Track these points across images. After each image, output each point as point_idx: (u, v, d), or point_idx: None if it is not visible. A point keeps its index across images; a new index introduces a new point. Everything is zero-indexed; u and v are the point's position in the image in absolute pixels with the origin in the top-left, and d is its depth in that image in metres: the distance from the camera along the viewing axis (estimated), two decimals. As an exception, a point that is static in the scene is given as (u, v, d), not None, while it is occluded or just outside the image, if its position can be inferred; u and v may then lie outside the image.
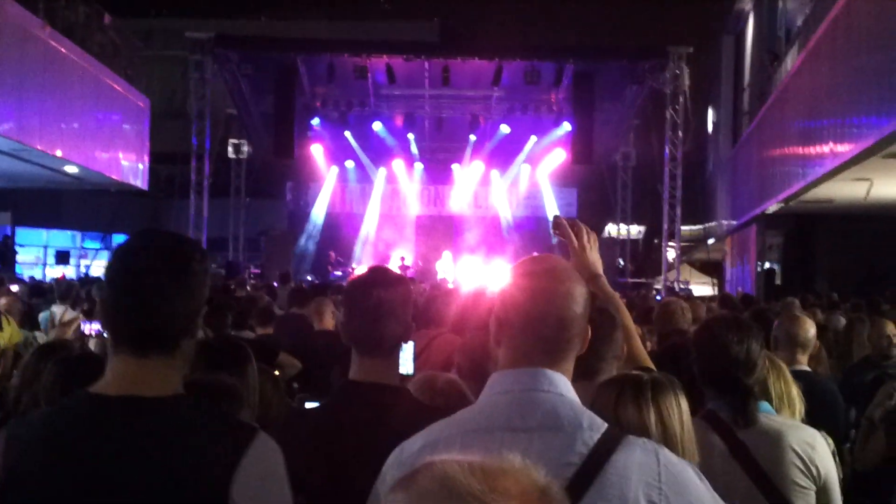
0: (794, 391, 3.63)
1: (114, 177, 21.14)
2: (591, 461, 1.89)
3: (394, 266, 21.03)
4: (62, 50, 17.65)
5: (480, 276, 25.08)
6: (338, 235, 29.19)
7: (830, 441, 3.73)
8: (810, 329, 5.12)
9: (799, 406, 3.61)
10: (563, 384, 2.04)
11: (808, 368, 5.01)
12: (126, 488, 1.94)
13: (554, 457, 1.88)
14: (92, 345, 6.03)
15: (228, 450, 1.99)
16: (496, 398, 2.04)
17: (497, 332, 2.11)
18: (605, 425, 1.98)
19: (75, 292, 11.32)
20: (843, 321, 7.91)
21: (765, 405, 3.34)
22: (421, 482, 1.21)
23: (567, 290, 2.08)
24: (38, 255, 26.96)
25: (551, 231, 3.24)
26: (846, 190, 15.64)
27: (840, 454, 4.05)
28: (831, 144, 13.59)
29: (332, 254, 27.44)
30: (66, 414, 2.09)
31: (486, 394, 2.08)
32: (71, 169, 19.40)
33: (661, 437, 2.54)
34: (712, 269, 29.25)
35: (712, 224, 28.38)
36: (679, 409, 2.68)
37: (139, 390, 2.03)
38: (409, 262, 26.71)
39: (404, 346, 2.97)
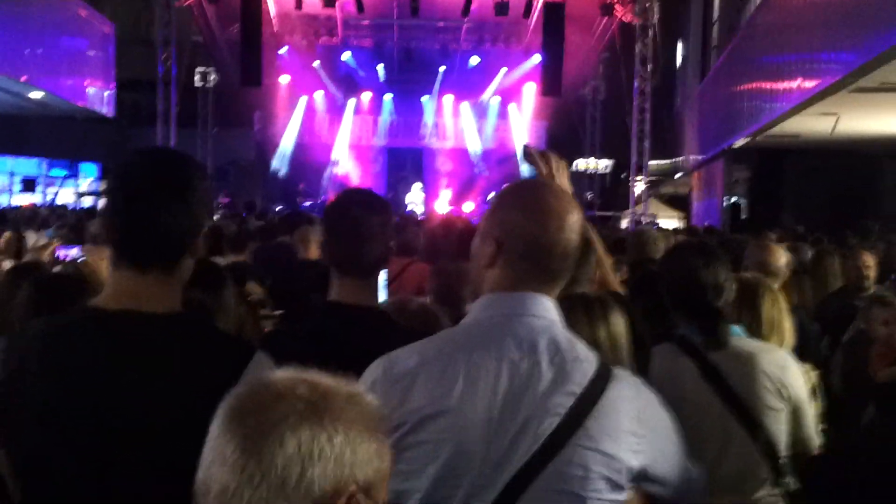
0: (788, 323, 3.61)
1: (80, 104, 20.87)
2: (589, 392, 1.94)
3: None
4: (25, -27, 17.30)
5: (449, 207, 25.16)
6: (307, 166, 29.02)
7: (813, 375, 3.79)
8: (781, 257, 5.11)
9: (788, 338, 3.59)
10: (555, 310, 2.07)
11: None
12: (122, 399, 1.95)
13: (556, 386, 1.94)
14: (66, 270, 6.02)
15: (228, 366, 1.98)
16: (492, 320, 2.05)
17: (493, 255, 2.07)
18: (596, 356, 2.03)
19: (39, 219, 11.28)
20: (808, 254, 7.96)
21: (735, 329, 3.34)
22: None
23: (573, 220, 2.07)
24: (3, 182, 26.66)
25: (521, 159, 3.27)
26: (813, 125, 15.74)
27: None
28: (799, 79, 13.65)
29: (302, 184, 27.33)
30: (65, 325, 2.10)
31: (480, 313, 2.09)
32: (36, 95, 19.12)
33: (611, 351, 2.65)
34: (679, 203, 29.40)
35: (680, 158, 28.46)
36: (623, 324, 2.77)
37: (138, 305, 2.04)
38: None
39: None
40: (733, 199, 22.73)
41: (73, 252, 6.11)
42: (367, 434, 1.36)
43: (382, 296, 4.03)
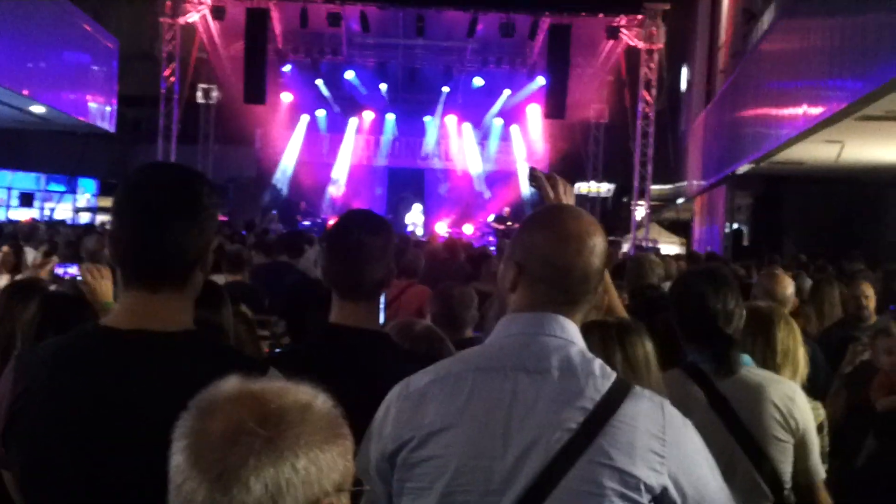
0: (802, 352, 3.60)
1: (81, 118, 20.84)
2: (602, 408, 1.93)
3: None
4: (30, -13, 17.29)
5: (450, 229, 25.13)
6: (307, 185, 28.98)
7: (822, 412, 3.74)
8: (788, 286, 5.19)
9: (802, 370, 3.57)
10: (574, 331, 2.08)
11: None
12: (132, 419, 1.92)
13: (566, 400, 1.94)
14: (63, 288, 5.94)
15: None
16: (508, 339, 2.08)
17: (515, 278, 2.11)
18: (615, 374, 2.02)
19: (39, 235, 11.21)
20: (809, 282, 7.95)
21: (745, 358, 3.32)
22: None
23: (594, 244, 2.09)
24: (1, 196, 26.60)
25: (525, 181, 3.21)
26: (817, 152, 15.71)
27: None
28: (804, 106, 13.61)
29: (303, 203, 27.29)
30: (76, 343, 2.08)
31: (498, 333, 2.11)
32: (38, 109, 19.11)
33: (627, 377, 2.58)
34: (681, 228, 29.38)
35: (682, 184, 28.45)
36: (645, 351, 2.77)
37: (150, 324, 2.02)
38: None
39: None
40: (735, 226, 22.70)
41: (73, 270, 6.04)
42: (327, 442, 1.38)
43: (381, 318, 3.96)
